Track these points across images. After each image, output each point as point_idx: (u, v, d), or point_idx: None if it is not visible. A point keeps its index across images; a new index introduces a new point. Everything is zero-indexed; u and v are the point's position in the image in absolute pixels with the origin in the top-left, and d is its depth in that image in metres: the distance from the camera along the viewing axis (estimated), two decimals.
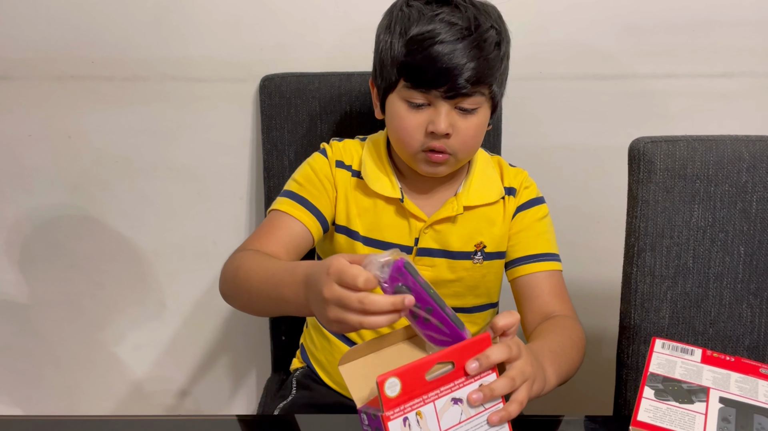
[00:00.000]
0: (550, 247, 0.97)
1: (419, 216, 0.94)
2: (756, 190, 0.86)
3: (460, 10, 0.85)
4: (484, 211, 0.96)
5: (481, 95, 0.87)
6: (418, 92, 0.86)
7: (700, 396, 0.67)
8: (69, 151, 1.27)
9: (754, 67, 1.23)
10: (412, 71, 0.85)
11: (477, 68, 0.84)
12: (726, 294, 0.89)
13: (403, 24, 0.86)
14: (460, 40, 0.83)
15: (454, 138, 0.87)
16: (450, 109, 0.86)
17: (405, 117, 0.88)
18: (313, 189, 0.95)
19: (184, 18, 1.19)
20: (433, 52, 0.83)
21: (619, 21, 1.20)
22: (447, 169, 0.92)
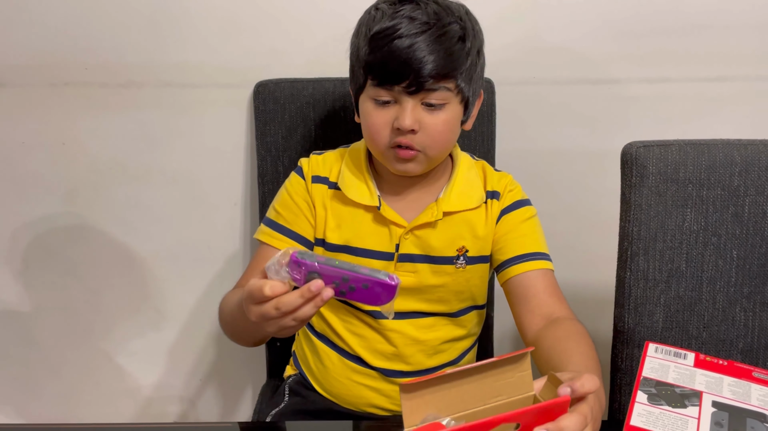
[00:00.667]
0: (539, 247, 0.96)
1: (399, 222, 0.95)
2: (748, 194, 0.87)
3: (421, 6, 0.86)
4: (466, 216, 0.96)
5: (446, 90, 0.86)
6: (383, 89, 0.86)
7: (693, 400, 0.67)
8: (64, 158, 1.27)
9: (746, 71, 1.24)
10: (375, 68, 0.85)
11: (438, 61, 0.83)
12: (719, 298, 0.89)
13: (368, 25, 0.87)
14: (420, 33, 0.83)
15: (422, 134, 0.87)
16: (415, 104, 0.86)
17: (372, 114, 0.88)
18: (290, 214, 0.97)
19: (178, 24, 1.20)
20: (392, 47, 0.83)
21: (612, 26, 1.21)
22: (417, 167, 0.91)
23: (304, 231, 0.97)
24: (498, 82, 1.18)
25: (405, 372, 0.98)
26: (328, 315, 1.00)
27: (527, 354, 0.66)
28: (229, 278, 1.35)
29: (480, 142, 1.19)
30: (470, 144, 1.18)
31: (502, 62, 1.21)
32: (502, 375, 0.66)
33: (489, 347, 1.26)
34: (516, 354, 0.66)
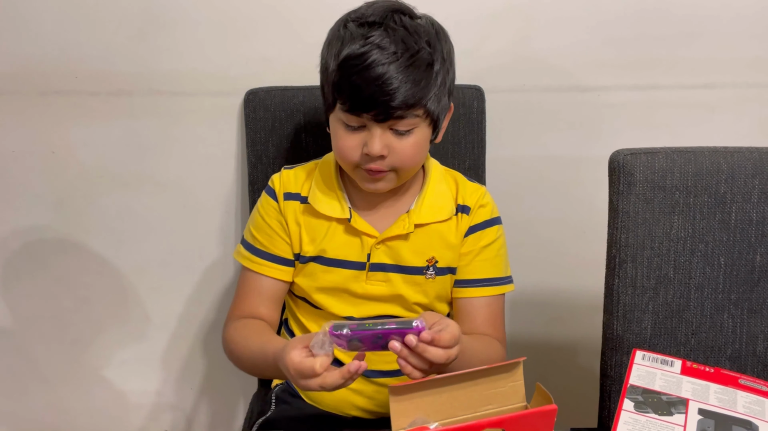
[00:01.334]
0: (497, 271, 0.99)
1: (370, 233, 0.96)
2: (735, 201, 0.87)
3: (389, 33, 0.85)
4: (436, 228, 0.97)
5: (415, 117, 0.87)
6: (352, 115, 0.87)
7: (680, 407, 0.67)
8: (54, 166, 1.27)
9: (734, 78, 1.24)
10: (345, 95, 0.86)
11: (407, 92, 0.84)
12: (707, 305, 0.90)
13: (337, 45, 0.87)
14: (389, 63, 0.83)
15: (391, 158, 0.88)
16: (384, 131, 0.87)
17: (342, 137, 0.89)
18: (266, 237, 0.99)
19: (168, 32, 1.20)
20: (362, 77, 0.83)
21: (601, 34, 1.21)
22: (387, 185, 0.92)
23: (282, 252, 0.99)
24: (488, 90, 1.19)
25: (385, 371, 0.99)
26: (310, 326, 1.01)
27: (520, 363, 0.67)
28: (219, 286, 1.35)
29: (470, 149, 1.19)
30: (460, 151, 1.18)
31: (492, 70, 1.22)
32: (494, 384, 0.66)
33: None
34: (509, 363, 0.66)
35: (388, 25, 0.86)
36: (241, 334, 0.95)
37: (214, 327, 1.38)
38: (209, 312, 1.37)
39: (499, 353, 0.95)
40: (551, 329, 1.36)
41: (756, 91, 1.25)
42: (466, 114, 1.18)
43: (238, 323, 0.97)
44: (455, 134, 1.18)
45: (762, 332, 0.90)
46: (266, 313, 0.99)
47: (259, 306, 0.99)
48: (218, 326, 1.37)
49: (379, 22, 0.86)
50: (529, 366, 1.42)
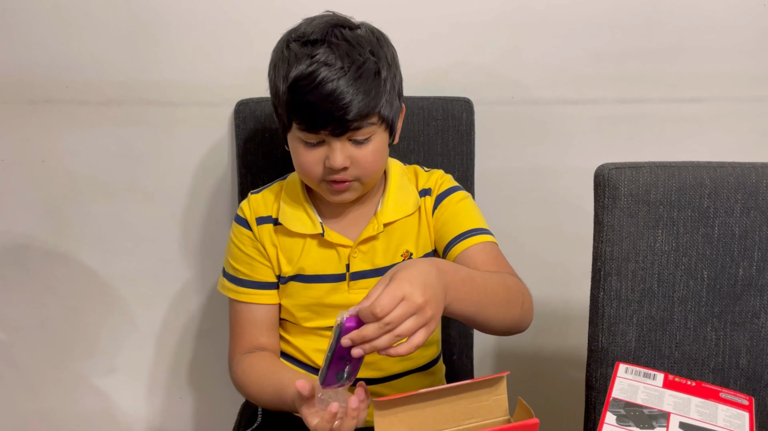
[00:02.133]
0: (476, 223, 0.97)
1: (344, 243, 0.97)
2: (718, 215, 0.88)
3: (333, 50, 0.86)
4: (404, 222, 0.99)
5: (371, 125, 0.89)
6: (310, 133, 0.88)
7: (661, 421, 0.68)
8: (43, 175, 1.27)
9: (720, 93, 1.26)
10: (300, 115, 0.87)
11: (360, 103, 0.85)
12: (690, 318, 0.90)
13: (284, 67, 0.88)
14: (338, 79, 0.84)
15: (353, 168, 0.90)
16: (343, 143, 0.88)
17: (303, 154, 0.90)
18: (246, 266, 0.99)
19: (158, 42, 1.20)
20: (314, 95, 0.85)
21: (589, 48, 1.23)
22: (353, 194, 0.94)
23: (265, 277, 0.99)
24: (477, 102, 1.20)
25: (373, 379, 0.99)
26: (296, 340, 1.02)
27: (503, 378, 0.67)
28: (207, 296, 1.35)
29: (459, 160, 1.20)
30: (449, 163, 1.19)
31: (481, 82, 1.23)
32: (477, 398, 0.67)
33: (469, 365, 1.26)
34: (492, 377, 0.67)
35: (331, 41, 0.87)
36: (252, 377, 0.95)
37: (201, 337, 1.38)
38: (197, 322, 1.37)
39: (512, 280, 0.89)
40: (538, 340, 1.37)
41: (740, 105, 1.26)
42: (456, 125, 1.19)
43: (244, 361, 0.97)
44: (444, 145, 1.19)
45: (744, 345, 0.91)
46: (267, 342, 1.00)
47: (258, 338, 1.00)
48: (205, 334, 1.37)
49: (321, 39, 0.87)
50: (516, 376, 1.42)
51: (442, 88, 1.21)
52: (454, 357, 1.24)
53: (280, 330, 1.04)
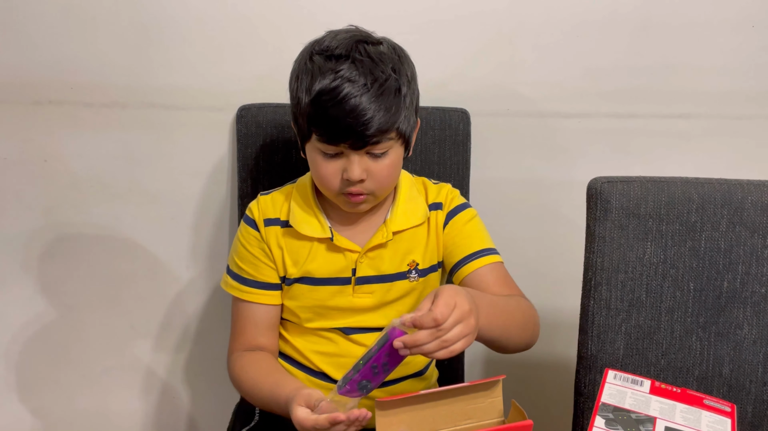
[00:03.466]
0: (485, 243, 1.02)
1: (352, 248, 0.99)
2: (704, 229, 0.92)
3: (357, 66, 0.88)
4: (413, 232, 1.01)
5: (389, 140, 0.92)
6: (330, 145, 0.91)
7: (647, 425, 0.71)
8: (45, 175, 1.28)
9: (709, 110, 1.30)
10: (320, 128, 0.90)
11: (380, 119, 0.88)
12: (677, 327, 0.94)
13: (307, 79, 0.90)
14: (361, 95, 0.87)
15: (370, 181, 0.93)
16: (361, 156, 0.91)
17: (321, 165, 0.93)
18: (251, 266, 1.02)
19: (163, 47, 1.22)
20: (335, 110, 0.87)
21: (583, 63, 1.26)
22: (368, 206, 0.97)
23: (269, 278, 1.02)
24: (473, 113, 1.23)
25: None
26: (295, 340, 1.04)
27: (499, 381, 0.70)
28: (205, 298, 1.37)
29: (455, 170, 1.23)
30: (445, 172, 1.22)
31: (478, 94, 1.26)
32: (474, 400, 0.70)
33: (460, 370, 1.29)
34: (488, 380, 0.70)
35: (355, 57, 0.89)
36: (249, 374, 0.98)
37: (198, 338, 1.39)
38: (194, 323, 1.39)
39: (525, 303, 0.95)
40: None
41: (728, 122, 1.30)
42: (452, 136, 1.22)
43: (242, 359, 1.00)
44: (441, 155, 1.22)
45: (728, 355, 0.94)
46: (266, 342, 1.02)
47: (258, 337, 1.02)
48: (202, 336, 1.39)
49: (346, 54, 0.90)
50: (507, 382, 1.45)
51: (440, 98, 1.24)
52: (445, 362, 1.27)
53: (281, 329, 1.06)
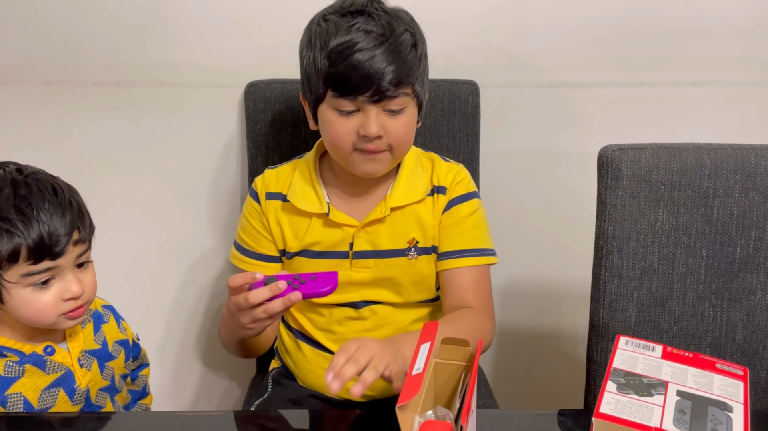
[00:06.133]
0: (478, 243, 1.02)
1: (350, 223, 1.00)
2: (717, 196, 0.91)
3: (374, 18, 0.90)
4: (413, 209, 1.01)
5: (405, 95, 0.92)
6: (346, 100, 0.91)
7: (659, 389, 0.71)
8: (57, 155, 1.29)
9: (722, 77, 1.28)
10: (337, 81, 0.90)
11: (397, 70, 0.89)
12: (689, 294, 0.94)
13: (322, 38, 0.91)
14: (378, 46, 0.88)
15: (387, 138, 0.93)
16: (378, 112, 0.91)
17: (336, 123, 0.93)
18: (251, 238, 1.04)
19: (171, 25, 1.22)
20: (354, 60, 0.88)
21: (593, 32, 1.25)
22: (383, 167, 0.96)
23: (267, 250, 1.04)
24: (482, 85, 1.22)
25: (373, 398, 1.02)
26: (299, 317, 1.06)
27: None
28: (219, 274, 1.38)
29: (464, 142, 1.22)
30: (455, 145, 1.22)
31: (487, 65, 1.25)
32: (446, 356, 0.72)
33: None
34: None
35: (370, 12, 0.91)
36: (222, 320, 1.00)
37: (211, 313, 1.41)
38: (207, 299, 1.40)
39: (476, 321, 0.96)
40: (541, 317, 1.40)
41: (742, 88, 1.28)
42: (461, 108, 1.21)
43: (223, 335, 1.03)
44: (450, 127, 1.21)
45: (741, 321, 0.94)
46: None
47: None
48: (215, 312, 1.40)
49: (361, 10, 0.91)
50: (519, 353, 1.46)
51: (449, 70, 1.23)
52: None
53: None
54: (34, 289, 0.79)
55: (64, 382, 0.85)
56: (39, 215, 0.77)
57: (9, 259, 0.76)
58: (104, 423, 0.83)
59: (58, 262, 0.79)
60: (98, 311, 0.93)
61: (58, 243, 0.77)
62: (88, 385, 0.87)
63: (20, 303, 0.79)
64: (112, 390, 0.91)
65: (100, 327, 0.92)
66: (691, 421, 0.67)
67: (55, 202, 0.79)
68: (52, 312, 0.80)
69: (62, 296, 0.80)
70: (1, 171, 0.80)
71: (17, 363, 0.82)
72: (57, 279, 0.80)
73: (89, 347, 0.89)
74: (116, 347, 0.93)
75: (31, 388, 0.82)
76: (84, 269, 0.84)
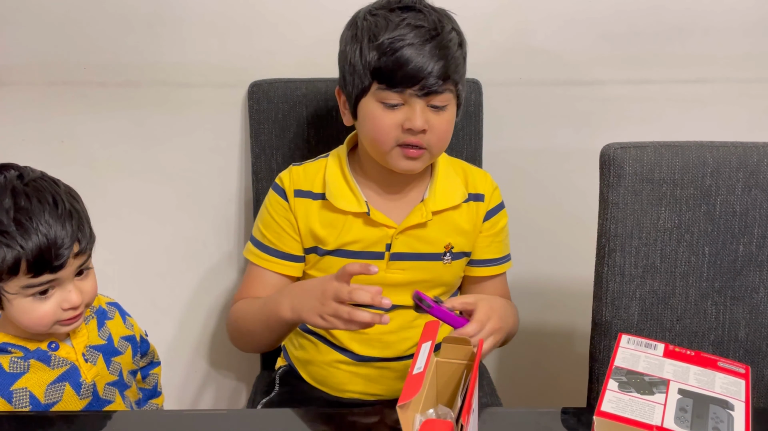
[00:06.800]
0: (503, 250, 1.09)
1: (389, 224, 0.99)
2: (719, 193, 0.91)
3: (424, 14, 0.92)
4: (451, 215, 1.02)
5: (450, 92, 0.93)
6: (393, 92, 0.91)
7: (661, 387, 0.71)
8: (62, 155, 1.30)
9: (725, 74, 1.28)
10: (386, 73, 0.90)
11: (445, 66, 0.90)
12: (692, 292, 0.94)
13: (370, 31, 0.92)
14: (428, 41, 0.90)
15: (430, 133, 0.93)
16: (423, 106, 0.92)
17: (380, 116, 0.93)
18: (274, 235, 1.02)
19: (175, 25, 1.23)
20: (404, 54, 0.89)
21: (596, 29, 1.24)
22: (422, 165, 0.97)
23: (291, 249, 1.02)
24: (485, 83, 1.22)
25: (384, 358, 1.03)
26: None
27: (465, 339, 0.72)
28: (223, 273, 1.39)
29: (467, 140, 1.23)
30: (458, 143, 1.22)
31: (490, 63, 1.25)
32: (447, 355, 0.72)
33: None
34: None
35: (420, 8, 0.93)
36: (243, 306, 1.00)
37: (217, 312, 1.41)
38: (213, 298, 1.41)
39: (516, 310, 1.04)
40: (544, 315, 1.40)
41: (746, 86, 1.28)
42: (464, 106, 1.21)
43: (240, 302, 1.02)
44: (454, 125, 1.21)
45: (743, 319, 0.94)
46: None
47: (262, 294, 1.02)
48: (221, 311, 1.41)
49: (411, 6, 0.93)
50: (523, 351, 1.46)
51: None
52: None
53: None
54: (34, 299, 0.79)
55: (70, 377, 0.85)
56: (39, 228, 0.76)
57: (9, 272, 0.76)
58: (110, 421, 0.83)
59: (58, 275, 0.79)
60: (102, 308, 0.94)
61: (59, 257, 0.77)
62: (94, 379, 0.87)
63: (20, 312, 0.80)
64: (120, 385, 0.92)
65: (104, 323, 0.93)
66: (692, 419, 0.67)
67: (55, 215, 0.78)
68: (50, 321, 0.81)
69: (62, 305, 0.81)
70: (1, 178, 0.79)
71: (22, 359, 0.83)
72: (57, 289, 0.81)
73: (93, 342, 0.89)
74: (122, 343, 0.94)
75: (37, 383, 0.83)
76: (84, 277, 0.84)
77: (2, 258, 0.75)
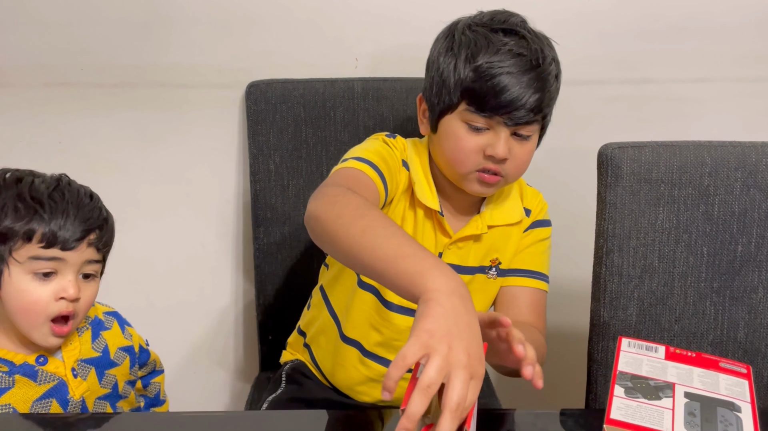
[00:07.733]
0: (542, 267, 1.02)
1: (447, 231, 0.97)
2: (718, 193, 0.91)
3: (527, 40, 0.89)
4: (504, 230, 1.00)
5: (537, 123, 0.91)
6: (481, 116, 0.88)
7: (666, 392, 0.71)
8: (59, 156, 1.29)
9: (726, 73, 1.27)
10: (478, 97, 0.88)
11: (539, 100, 0.88)
12: (690, 293, 0.93)
13: (469, 49, 0.88)
14: (527, 72, 0.87)
15: (510, 162, 0.91)
16: (508, 135, 0.90)
17: (464, 138, 0.90)
18: (386, 167, 0.92)
19: (172, 26, 1.22)
20: (500, 81, 0.86)
21: (595, 29, 1.24)
22: (495, 190, 0.95)
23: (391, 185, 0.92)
24: None
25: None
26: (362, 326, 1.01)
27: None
28: (221, 274, 1.38)
29: None
30: None
31: None
32: None
33: None
34: None
35: (524, 34, 0.90)
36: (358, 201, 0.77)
37: (214, 314, 1.41)
38: (209, 299, 1.40)
39: (540, 340, 0.94)
40: None
41: (744, 85, 1.28)
42: None
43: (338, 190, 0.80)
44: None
45: (742, 319, 0.94)
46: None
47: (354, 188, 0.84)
48: (219, 311, 1.41)
49: (514, 30, 0.90)
50: None
51: None
52: None
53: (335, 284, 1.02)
54: (34, 278, 0.80)
55: (57, 393, 0.84)
56: (68, 208, 0.81)
57: (23, 237, 0.79)
58: (110, 423, 0.83)
59: (65, 255, 0.80)
60: (98, 318, 0.93)
61: (74, 234, 0.80)
62: (83, 395, 0.86)
63: (17, 290, 0.80)
64: (113, 397, 0.91)
65: (99, 334, 0.92)
66: (702, 423, 0.66)
67: (88, 205, 0.84)
68: (42, 310, 0.80)
69: (57, 294, 0.80)
70: (52, 175, 0.87)
71: (7, 374, 0.82)
72: (59, 275, 0.81)
73: (86, 355, 0.88)
74: (119, 354, 0.93)
75: (22, 399, 0.82)
76: (88, 281, 0.84)
77: (26, 221, 0.79)
